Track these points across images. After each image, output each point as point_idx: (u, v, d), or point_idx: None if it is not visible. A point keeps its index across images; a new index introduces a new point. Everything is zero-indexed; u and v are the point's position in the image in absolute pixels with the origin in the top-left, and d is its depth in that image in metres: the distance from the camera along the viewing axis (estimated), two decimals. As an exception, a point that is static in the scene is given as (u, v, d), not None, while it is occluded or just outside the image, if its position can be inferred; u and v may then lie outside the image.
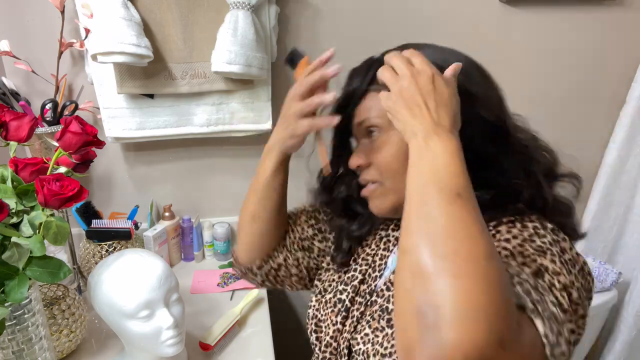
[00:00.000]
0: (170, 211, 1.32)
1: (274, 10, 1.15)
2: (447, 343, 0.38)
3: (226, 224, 1.35)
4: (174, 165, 1.32)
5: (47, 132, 1.07)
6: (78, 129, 0.71)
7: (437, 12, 1.26)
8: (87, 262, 1.15)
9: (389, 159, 0.62)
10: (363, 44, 1.31)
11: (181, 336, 0.85)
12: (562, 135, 1.46)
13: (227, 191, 1.38)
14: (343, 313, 0.71)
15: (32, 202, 0.69)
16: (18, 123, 0.71)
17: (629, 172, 1.47)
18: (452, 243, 0.43)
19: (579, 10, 1.31)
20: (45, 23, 1.11)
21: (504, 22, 1.29)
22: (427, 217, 0.45)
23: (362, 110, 0.65)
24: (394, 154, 0.62)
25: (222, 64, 1.07)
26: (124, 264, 0.84)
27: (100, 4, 1.02)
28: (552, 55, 1.35)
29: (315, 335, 0.75)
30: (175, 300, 0.86)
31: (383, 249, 0.73)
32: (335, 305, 0.73)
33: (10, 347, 0.73)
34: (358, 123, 0.65)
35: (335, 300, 0.73)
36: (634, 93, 1.38)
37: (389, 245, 0.73)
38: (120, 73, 1.10)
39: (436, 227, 0.44)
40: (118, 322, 0.82)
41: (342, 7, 1.22)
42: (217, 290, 1.21)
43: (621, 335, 1.53)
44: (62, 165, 0.75)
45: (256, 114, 1.21)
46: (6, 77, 1.15)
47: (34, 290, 0.75)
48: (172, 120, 1.19)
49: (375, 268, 0.72)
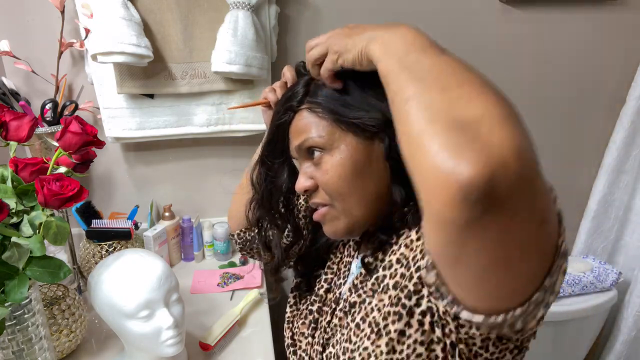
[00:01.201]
0: (170, 211, 1.32)
1: (274, 10, 1.15)
2: (494, 147, 0.34)
3: (226, 224, 1.35)
4: (174, 165, 1.32)
5: (47, 132, 1.07)
6: (78, 129, 0.71)
7: (437, 12, 1.26)
8: (87, 262, 1.15)
9: (336, 180, 0.58)
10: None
11: (181, 336, 0.85)
12: (562, 135, 1.47)
13: (227, 191, 1.38)
14: (312, 325, 0.71)
15: (32, 202, 0.69)
16: (18, 123, 0.71)
17: (629, 172, 1.47)
18: (462, 72, 0.40)
19: (579, 10, 1.31)
20: (45, 23, 1.11)
21: (504, 22, 1.29)
22: (423, 70, 0.42)
23: (299, 131, 0.60)
24: (340, 174, 0.58)
25: (222, 64, 1.07)
26: (124, 264, 0.84)
27: (100, 4, 1.02)
28: (552, 55, 1.35)
29: (292, 349, 0.74)
30: (175, 300, 0.86)
31: (347, 255, 0.72)
32: (306, 317, 0.73)
33: (10, 347, 0.73)
34: (298, 145, 0.61)
35: (307, 311, 0.73)
36: (634, 93, 1.38)
37: (351, 250, 0.71)
38: (120, 73, 1.10)
39: (439, 71, 0.41)
40: (118, 322, 0.82)
41: (342, 7, 1.22)
42: (217, 290, 1.21)
43: (621, 335, 1.53)
44: (62, 165, 0.75)
45: (256, 114, 1.21)
46: (6, 77, 1.15)
47: (34, 290, 0.75)
48: (172, 120, 1.19)
49: (340, 275, 0.71)
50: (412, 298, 0.52)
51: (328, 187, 0.59)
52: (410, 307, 0.53)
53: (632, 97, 1.38)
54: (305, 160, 0.62)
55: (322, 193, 0.60)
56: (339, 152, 0.58)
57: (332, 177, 0.58)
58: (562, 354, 1.46)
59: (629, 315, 1.50)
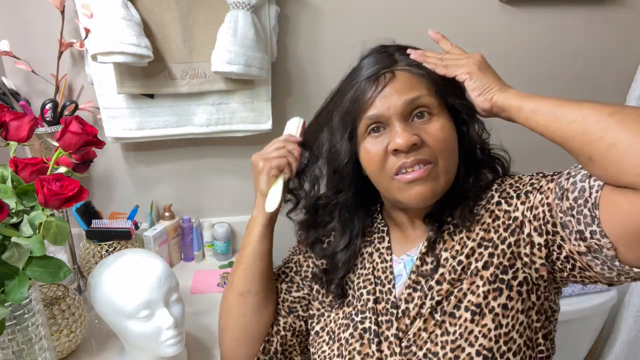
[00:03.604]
0: (170, 211, 1.32)
1: (274, 10, 1.15)
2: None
3: (226, 224, 1.35)
4: (174, 165, 1.32)
5: (47, 132, 1.07)
6: (78, 129, 0.71)
7: (437, 11, 1.26)
8: (87, 262, 1.15)
9: (449, 138, 0.64)
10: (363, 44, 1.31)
11: (181, 336, 0.85)
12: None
13: (227, 191, 1.38)
14: (376, 339, 0.68)
15: (32, 202, 0.69)
16: (18, 123, 0.71)
17: (629, 172, 1.47)
18: None
19: (579, 10, 1.31)
20: (45, 23, 1.11)
21: (504, 22, 1.29)
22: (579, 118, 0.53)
23: (407, 88, 0.64)
24: (450, 136, 0.65)
25: (222, 64, 1.07)
26: (124, 264, 0.84)
27: (100, 4, 1.02)
28: (552, 55, 1.35)
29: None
30: (175, 300, 0.86)
31: (380, 262, 0.73)
32: (361, 337, 0.69)
33: (10, 347, 0.73)
34: (410, 99, 0.63)
35: (360, 332, 0.70)
36: (634, 93, 1.38)
37: (384, 256, 0.73)
38: (120, 73, 1.10)
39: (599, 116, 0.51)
40: (118, 322, 0.82)
41: (342, 7, 1.22)
42: (217, 290, 1.21)
43: (621, 335, 1.53)
44: (62, 165, 0.75)
45: (256, 114, 1.21)
46: (6, 77, 1.15)
47: (34, 290, 0.75)
48: (172, 120, 1.19)
49: (383, 283, 0.71)
50: (509, 272, 0.62)
51: (441, 144, 0.63)
52: (508, 280, 0.61)
53: (632, 97, 1.38)
54: (404, 119, 0.64)
55: (428, 150, 0.63)
56: (444, 118, 0.65)
57: (446, 136, 0.64)
58: (562, 354, 1.46)
59: (629, 316, 1.50)
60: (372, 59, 0.68)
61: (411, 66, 0.65)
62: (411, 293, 0.67)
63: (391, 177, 0.64)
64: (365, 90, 0.65)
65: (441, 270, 0.66)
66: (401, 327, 0.67)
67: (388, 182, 0.65)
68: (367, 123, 0.65)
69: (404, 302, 0.67)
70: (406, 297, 0.67)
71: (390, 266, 0.72)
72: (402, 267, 0.72)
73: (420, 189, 0.63)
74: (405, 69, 0.65)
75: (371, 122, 0.65)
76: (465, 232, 0.66)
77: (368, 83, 0.65)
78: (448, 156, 0.64)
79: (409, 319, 0.66)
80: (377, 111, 0.64)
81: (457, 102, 0.67)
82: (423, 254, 0.68)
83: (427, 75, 0.65)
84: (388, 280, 0.71)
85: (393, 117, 0.63)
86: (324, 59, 1.26)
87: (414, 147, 0.62)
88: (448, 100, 0.66)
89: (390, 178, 0.64)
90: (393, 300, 0.69)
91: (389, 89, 0.63)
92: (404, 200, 0.65)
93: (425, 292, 0.66)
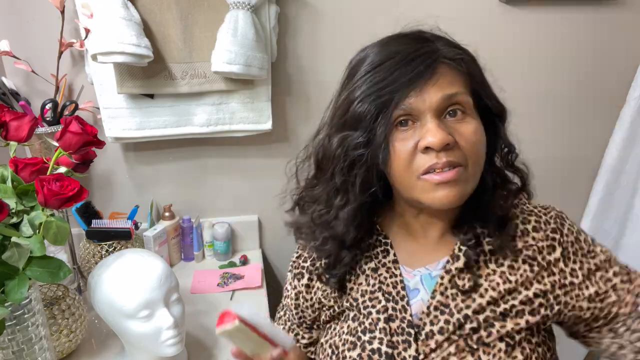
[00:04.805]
0: (170, 211, 1.32)
1: (274, 10, 1.15)
2: None
3: (226, 224, 1.35)
4: (174, 165, 1.32)
5: (47, 132, 1.07)
6: (78, 129, 0.71)
7: (436, 11, 1.25)
8: (87, 262, 1.15)
9: (481, 141, 0.60)
10: (363, 43, 1.31)
11: (181, 336, 0.85)
12: (562, 135, 1.46)
13: (227, 191, 1.38)
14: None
15: (32, 202, 0.69)
16: (18, 123, 0.71)
17: (629, 172, 1.47)
18: None
19: (578, 10, 1.31)
20: (45, 23, 1.11)
21: (504, 22, 1.29)
22: None
23: (446, 82, 0.57)
24: (482, 139, 0.60)
25: (222, 64, 1.07)
26: (124, 264, 0.84)
27: (100, 4, 1.02)
28: (551, 55, 1.35)
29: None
30: (175, 300, 0.86)
31: (389, 277, 0.67)
32: (370, 358, 0.63)
33: (10, 347, 0.73)
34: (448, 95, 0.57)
35: (368, 353, 0.64)
36: (634, 93, 1.38)
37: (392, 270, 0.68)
38: (120, 73, 1.10)
39: None
40: (118, 322, 0.82)
41: (342, 7, 1.22)
42: (217, 290, 1.21)
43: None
44: (62, 165, 0.75)
45: (256, 114, 1.21)
46: (6, 77, 1.15)
47: (34, 290, 0.75)
48: (172, 120, 1.19)
49: (395, 299, 0.66)
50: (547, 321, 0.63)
51: (474, 147, 0.58)
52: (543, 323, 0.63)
53: (632, 97, 1.38)
54: (438, 115, 0.58)
55: (459, 152, 0.58)
56: (477, 120, 0.60)
57: (479, 138, 0.59)
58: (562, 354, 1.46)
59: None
60: (409, 42, 0.60)
61: (453, 59, 0.59)
62: (437, 315, 0.62)
63: (417, 177, 0.58)
64: (401, 76, 0.57)
65: (478, 299, 0.62)
66: (423, 349, 0.62)
67: (413, 182, 0.59)
68: (399, 114, 0.58)
69: (428, 324, 0.62)
70: (431, 319, 0.62)
71: (401, 281, 0.66)
72: (417, 281, 0.66)
73: (447, 192, 0.57)
74: (445, 61, 0.59)
75: (403, 113, 0.58)
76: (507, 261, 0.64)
77: (404, 69, 0.57)
78: (478, 160, 0.60)
79: (435, 343, 0.61)
80: (411, 103, 0.57)
81: (492, 103, 0.62)
82: (458, 271, 0.63)
83: (466, 72, 0.60)
84: (401, 297, 0.65)
85: (427, 111, 0.57)
86: (324, 59, 1.26)
87: (446, 147, 0.56)
88: (483, 101, 0.62)
89: (417, 177, 0.58)
90: (409, 318, 0.64)
91: (427, 81, 0.57)
92: (426, 201, 0.59)
93: (456, 316, 0.61)
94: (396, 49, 0.59)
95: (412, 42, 0.60)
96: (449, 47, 0.61)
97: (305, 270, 0.76)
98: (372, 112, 0.58)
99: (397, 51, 0.59)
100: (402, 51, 0.59)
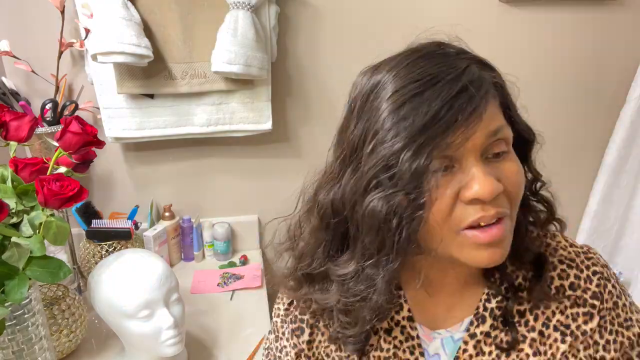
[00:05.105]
0: (170, 211, 1.32)
1: (274, 10, 1.15)
2: None
3: (226, 224, 1.35)
4: (174, 165, 1.32)
5: (47, 132, 1.07)
6: (78, 129, 0.71)
7: (436, 11, 1.26)
8: (87, 262, 1.15)
9: (522, 180, 0.49)
10: (363, 44, 1.32)
11: (181, 336, 0.85)
12: (562, 134, 1.47)
13: (227, 191, 1.38)
14: None
15: (32, 202, 0.69)
16: (18, 123, 0.71)
17: (629, 172, 1.47)
18: None
19: (578, 10, 1.31)
20: (45, 23, 1.11)
21: (504, 22, 1.29)
22: None
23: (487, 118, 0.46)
24: (523, 176, 0.50)
25: (222, 64, 1.07)
26: (124, 264, 0.84)
27: (100, 4, 1.02)
28: (551, 55, 1.35)
29: None
30: (175, 300, 0.86)
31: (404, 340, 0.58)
32: None
33: (10, 347, 0.73)
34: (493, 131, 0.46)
35: None
36: (634, 93, 1.38)
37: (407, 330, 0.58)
38: (120, 73, 1.10)
39: None
40: (118, 322, 0.82)
41: (342, 7, 1.22)
42: (217, 290, 1.21)
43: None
44: (62, 165, 0.75)
45: (256, 114, 1.21)
46: (6, 77, 1.15)
47: (34, 290, 0.75)
48: (172, 120, 1.19)
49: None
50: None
51: (519, 191, 0.48)
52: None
53: (632, 97, 1.38)
54: (481, 157, 0.47)
55: (505, 199, 0.47)
56: (514, 154, 0.49)
57: (522, 179, 0.49)
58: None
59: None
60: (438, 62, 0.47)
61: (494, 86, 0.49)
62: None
63: (457, 231, 0.47)
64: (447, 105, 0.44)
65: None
66: None
67: (451, 236, 0.48)
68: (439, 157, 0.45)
69: None
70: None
71: (419, 345, 0.57)
72: (438, 345, 0.57)
73: (493, 251, 0.47)
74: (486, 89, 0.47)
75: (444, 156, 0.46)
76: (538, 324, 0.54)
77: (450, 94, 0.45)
78: (518, 204, 0.49)
79: None
80: (455, 143, 0.45)
81: (523, 129, 0.53)
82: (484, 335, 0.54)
83: (501, 98, 0.50)
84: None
85: (470, 153, 0.46)
86: (324, 59, 1.26)
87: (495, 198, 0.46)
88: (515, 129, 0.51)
89: (455, 232, 0.47)
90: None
91: (471, 117, 0.45)
92: (466, 260, 0.49)
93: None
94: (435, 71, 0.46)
95: (448, 60, 0.48)
96: (483, 68, 0.49)
97: (305, 325, 0.62)
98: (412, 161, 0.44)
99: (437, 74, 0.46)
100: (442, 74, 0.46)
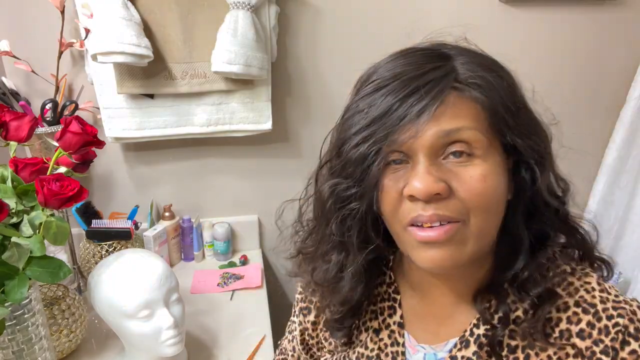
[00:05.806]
0: (170, 211, 1.32)
1: (274, 10, 1.15)
2: None
3: (226, 224, 1.35)
4: (174, 165, 1.32)
5: (47, 132, 1.07)
6: (78, 129, 0.71)
7: (436, 11, 1.26)
8: (87, 262, 1.15)
9: (491, 192, 0.46)
10: (363, 43, 1.32)
11: (181, 336, 0.85)
12: (562, 135, 1.46)
13: (227, 191, 1.38)
14: None
15: (32, 202, 0.69)
16: (18, 123, 0.71)
17: (629, 172, 1.47)
18: None
19: (579, 10, 1.31)
20: (45, 23, 1.11)
21: (504, 22, 1.29)
22: None
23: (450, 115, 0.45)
24: (496, 188, 0.47)
25: (222, 64, 1.07)
26: (124, 264, 0.84)
27: (100, 4, 1.02)
28: (551, 55, 1.35)
29: None
30: (175, 300, 0.86)
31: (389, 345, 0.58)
32: None
33: (10, 347, 0.73)
34: (447, 131, 0.45)
35: None
36: (634, 93, 1.38)
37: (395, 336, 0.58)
38: (120, 73, 1.10)
39: None
40: (118, 322, 0.82)
41: (342, 7, 1.22)
42: (217, 290, 1.21)
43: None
44: (62, 165, 0.75)
45: (256, 114, 1.21)
46: (6, 77, 1.15)
47: (34, 290, 0.75)
48: (172, 120, 1.19)
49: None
50: None
51: (477, 199, 0.45)
52: None
53: (632, 97, 1.38)
54: (433, 155, 0.46)
55: (456, 205, 0.46)
56: (491, 163, 0.47)
57: (487, 188, 0.46)
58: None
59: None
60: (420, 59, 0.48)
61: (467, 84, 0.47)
62: None
63: (404, 227, 0.48)
64: (399, 106, 0.45)
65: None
66: None
67: (401, 232, 0.49)
68: (390, 151, 0.47)
69: None
70: None
71: (402, 353, 0.56)
72: (421, 358, 0.56)
73: (435, 253, 0.46)
74: (458, 86, 0.46)
75: (396, 150, 0.47)
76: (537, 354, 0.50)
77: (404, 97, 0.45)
78: (485, 215, 0.46)
79: None
80: (401, 137, 0.45)
81: (521, 143, 0.48)
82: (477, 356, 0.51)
83: (485, 100, 0.47)
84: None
85: (420, 150, 0.46)
86: (324, 59, 1.26)
87: (436, 196, 0.45)
88: (506, 138, 0.48)
89: (403, 227, 0.48)
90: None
91: (426, 111, 0.44)
92: (416, 260, 0.49)
93: None
94: (401, 70, 0.47)
95: (424, 59, 0.48)
96: (470, 65, 0.48)
97: (313, 306, 0.65)
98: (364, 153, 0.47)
99: (402, 72, 0.47)
100: (406, 72, 0.47)
